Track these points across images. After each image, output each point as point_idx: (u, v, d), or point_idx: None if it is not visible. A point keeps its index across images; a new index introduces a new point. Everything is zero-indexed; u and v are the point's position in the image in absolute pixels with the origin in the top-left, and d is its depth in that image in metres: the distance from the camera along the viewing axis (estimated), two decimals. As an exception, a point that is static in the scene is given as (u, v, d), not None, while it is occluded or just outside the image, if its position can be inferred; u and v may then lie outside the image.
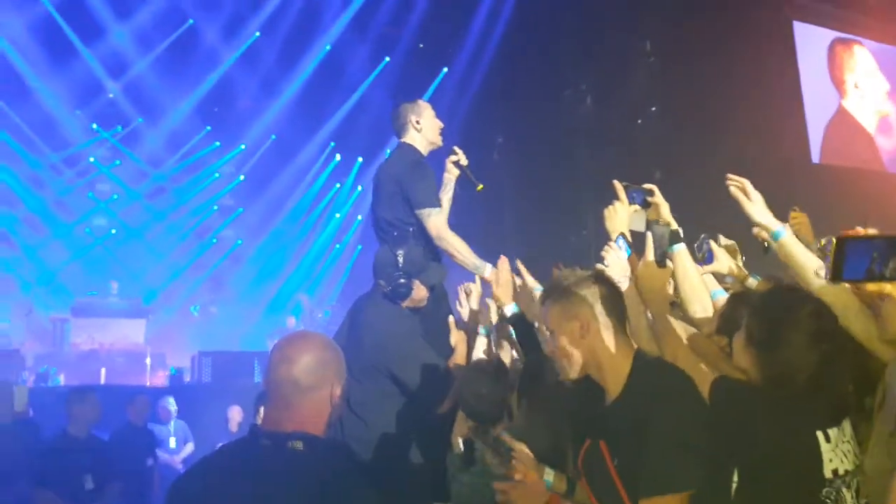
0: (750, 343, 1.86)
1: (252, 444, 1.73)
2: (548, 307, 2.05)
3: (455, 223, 3.53)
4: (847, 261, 1.68)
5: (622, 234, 2.47)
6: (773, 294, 1.98)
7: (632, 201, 2.52)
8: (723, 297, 2.51)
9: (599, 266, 2.45)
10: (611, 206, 2.49)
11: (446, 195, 3.78)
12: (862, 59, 11.63)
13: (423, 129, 3.69)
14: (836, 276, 1.71)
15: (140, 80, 11.70)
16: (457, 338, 3.35)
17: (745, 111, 9.53)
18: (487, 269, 3.26)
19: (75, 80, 11.30)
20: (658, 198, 2.48)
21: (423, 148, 3.70)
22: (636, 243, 2.48)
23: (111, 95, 11.93)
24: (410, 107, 3.75)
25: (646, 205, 2.51)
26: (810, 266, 2.09)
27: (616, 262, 2.46)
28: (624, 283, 2.31)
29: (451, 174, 3.78)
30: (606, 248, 2.56)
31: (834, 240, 1.74)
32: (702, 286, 2.37)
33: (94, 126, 12.16)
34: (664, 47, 10.57)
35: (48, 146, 11.76)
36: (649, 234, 2.33)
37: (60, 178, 12.16)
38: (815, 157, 10.75)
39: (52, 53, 10.95)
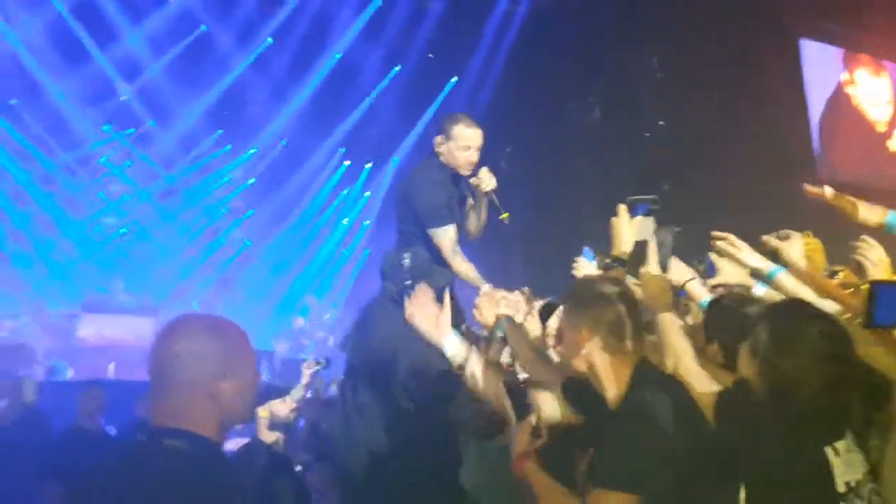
0: (754, 355, 1.83)
1: (135, 438, 1.62)
2: (564, 308, 2.14)
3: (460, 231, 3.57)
4: (879, 305, 1.68)
5: (587, 247, 2.55)
6: (786, 308, 1.94)
7: (636, 213, 2.52)
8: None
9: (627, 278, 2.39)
10: (613, 220, 2.50)
11: (476, 212, 3.72)
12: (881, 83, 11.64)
13: (446, 154, 3.56)
14: (868, 322, 1.70)
15: (153, 84, 11.81)
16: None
17: (751, 125, 9.59)
18: (483, 288, 3.09)
19: (88, 82, 11.40)
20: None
21: (447, 162, 3.58)
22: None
23: (124, 98, 12.04)
24: (445, 122, 3.58)
25: (650, 213, 2.52)
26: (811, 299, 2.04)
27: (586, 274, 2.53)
28: None
29: (480, 194, 3.63)
30: (574, 265, 2.63)
31: (865, 287, 1.74)
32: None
33: (107, 127, 12.27)
34: (671, 63, 10.64)
35: (60, 146, 11.86)
36: (651, 241, 2.36)
37: (72, 177, 12.27)
38: (822, 171, 10.78)
39: (66, 55, 11.05)
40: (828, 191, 2.31)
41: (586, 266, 2.68)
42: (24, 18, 10.66)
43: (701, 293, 2.44)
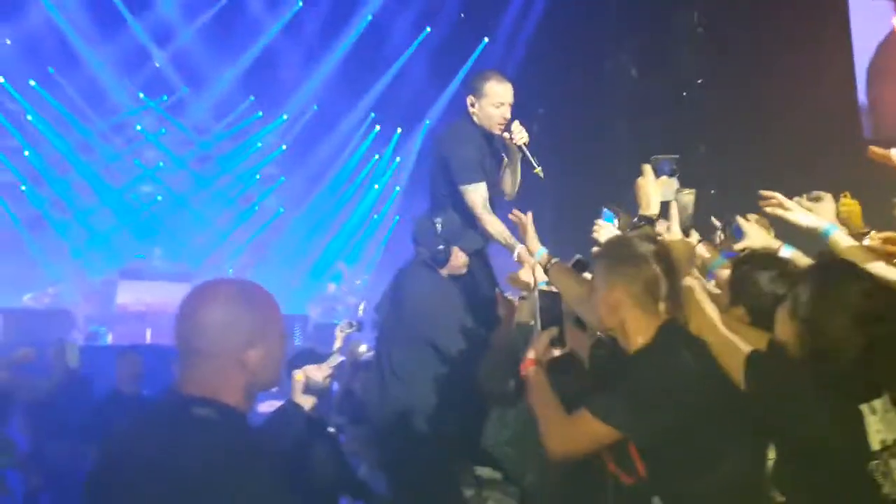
0: (794, 316, 1.81)
1: (164, 407, 1.59)
2: (598, 264, 2.14)
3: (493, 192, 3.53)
4: None
5: (606, 208, 2.59)
6: (824, 268, 1.92)
7: (660, 173, 2.54)
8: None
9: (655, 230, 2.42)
10: (639, 180, 2.50)
11: (512, 170, 3.69)
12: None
13: (478, 112, 3.52)
14: None
15: (185, 50, 11.86)
16: (504, 308, 3.35)
17: (794, 86, 9.27)
18: (517, 250, 3.17)
19: (123, 49, 11.51)
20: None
21: (480, 122, 3.55)
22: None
23: (157, 65, 12.13)
24: (475, 81, 3.55)
25: (673, 173, 2.55)
26: (866, 263, 2.01)
27: (609, 236, 2.51)
28: None
29: (514, 150, 3.59)
30: (596, 227, 2.64)
31: None
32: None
33: (141, 95, 12.39)
34: (712, 18, 10.30)
35: (96, 114, 12.02)
36: (674, 204, 2.34)
37: (109, 145, 12.44)
38: (868, 132, 10.42)
39: (100, 22, 11.14)
40: (895, 153, 2.23)
41: (607, 228, 2.63)
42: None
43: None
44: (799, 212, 2.15)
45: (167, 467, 1.43)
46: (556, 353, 2.28)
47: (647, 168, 2.51)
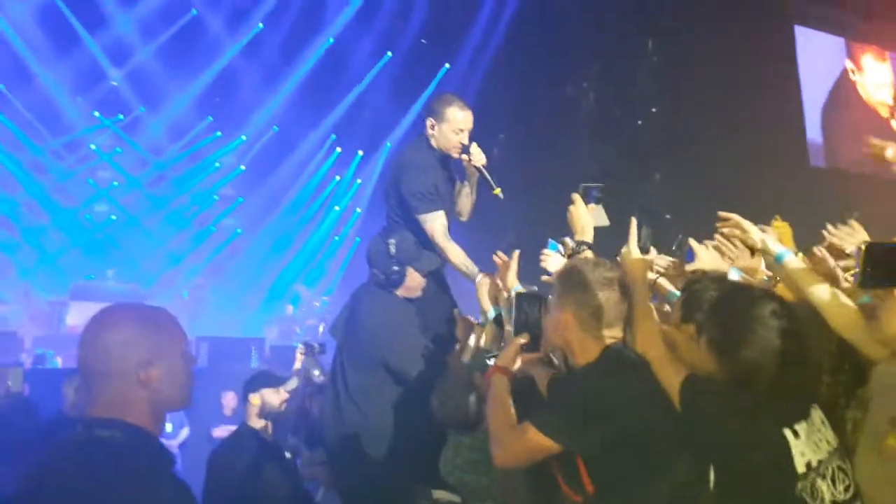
0: (711, 347, 1.87)
1: (70, 431, 1.57)
2: (555, 284, 2.23)
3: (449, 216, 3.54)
4: (875, 266, 1.69)
5: (552, 239, 2.71)
6: (730, 295, 1.97)
7: (589, 199, 2.69)
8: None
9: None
10: (571, 208, 2.63)
11: (467, 192, 3.69)
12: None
13: (437, 136, 3.50)
14: (864, 282, 1.71)
15: (142, 69, 11.70)
16: (463, 328, 3.33)
17: (744, 114, 9.56)
18: (478, 277, 3.14)
19: (77, 67, 11.30)
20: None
21: (438, 145, 3.53)
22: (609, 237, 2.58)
23: (113, 83, 11.95)
24: (435, 104, 3.53)
25: (599, 200, 2.74)
26: (814, 285, 2.07)
27: (557, 265, 2.60)
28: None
29: (471, 173, 3.59)
30: (542, 257, 2.74)
31: (862, 247, 1.74)
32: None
33: (96, 113, 12.17)
34: (666, 47, 10.59)
35: (49, 132, 11.76)
36: (634, 221, 2.39)
37: (61, 163, 12.16)
38: (814, 160, 10.78)
39: (55, 39, 10.94)
40: (889, 151, 2.32)
41: (553, 256, 2.74)
42: (14, 3, 10.52)
43: (669, 288, 2.58)
44: (756, 233, 2.20)
45: (75, 491, 1.44)
46: (530, 357, 2.35)
47: (577, 196, 2.65)
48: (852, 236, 2.57)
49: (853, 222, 2.71)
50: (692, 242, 2.64)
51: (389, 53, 12.75)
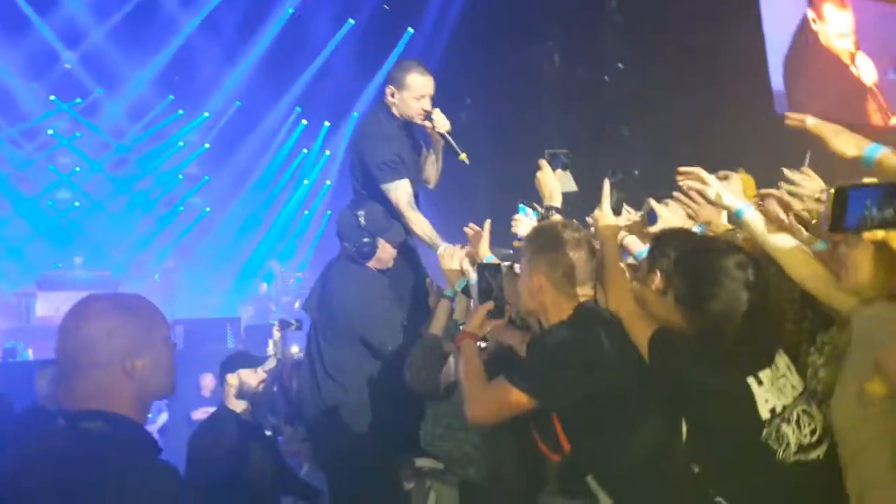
0: (678, 301, 1.91)
1: (54, 423, 1.54)
2: (525, 247, 2.25)
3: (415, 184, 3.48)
4: (848, 210, 1.67)
5: (521, 203, 2.77)
6: (695, 250, 1.99)
7: (555, 166, 2.72)
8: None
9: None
10: (538, 174, 2.67)
11: (433, 160, 3.65)
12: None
13: (399, 104, 3.42)
14: (836, 225, 1.69)
15: (98, 50, 11.38)
16: (436, 298, 3.30)
17: (710, 67, 9.55)
18: (440, 248, 3.10)
19: (30, 52, 10.96)
20: None
21: (400, 113, 3.45)
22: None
23: (68, 66, 11.61)
24: (395, 72, 3.43)
25: (566, 167, 2.77)
26: (773, 237, 2.06)
27: (528, 229, 2.59)
28: None
29: (436, 139, 3.54)
30: (513, 222, 2.78)
31: (832, 190, 1.71)
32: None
33: (53, 98, 11.85)
34: (630, 3, 10.52)
35: (5, 120, 11.44)
36: (606, 183, 2.39)
37: (20, 151, 11.87)
38: (780, 107, 10.82)
39: (4, 25, 10.57)
40: (809, 120, 2.30)
41: (524, 221, 2.76)
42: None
43: (637, 246, 2.62)
44: (716, 187, 2.18)
45: (61, 483, 1.41)
46: (498, 324, 2.40)
47: (544, 162, 2.69)
48: (806, 182, 2.56)
49: (806, 168, 2.70)
50: (652, 203, 2.63)
51: (351, 21, 12.51)
